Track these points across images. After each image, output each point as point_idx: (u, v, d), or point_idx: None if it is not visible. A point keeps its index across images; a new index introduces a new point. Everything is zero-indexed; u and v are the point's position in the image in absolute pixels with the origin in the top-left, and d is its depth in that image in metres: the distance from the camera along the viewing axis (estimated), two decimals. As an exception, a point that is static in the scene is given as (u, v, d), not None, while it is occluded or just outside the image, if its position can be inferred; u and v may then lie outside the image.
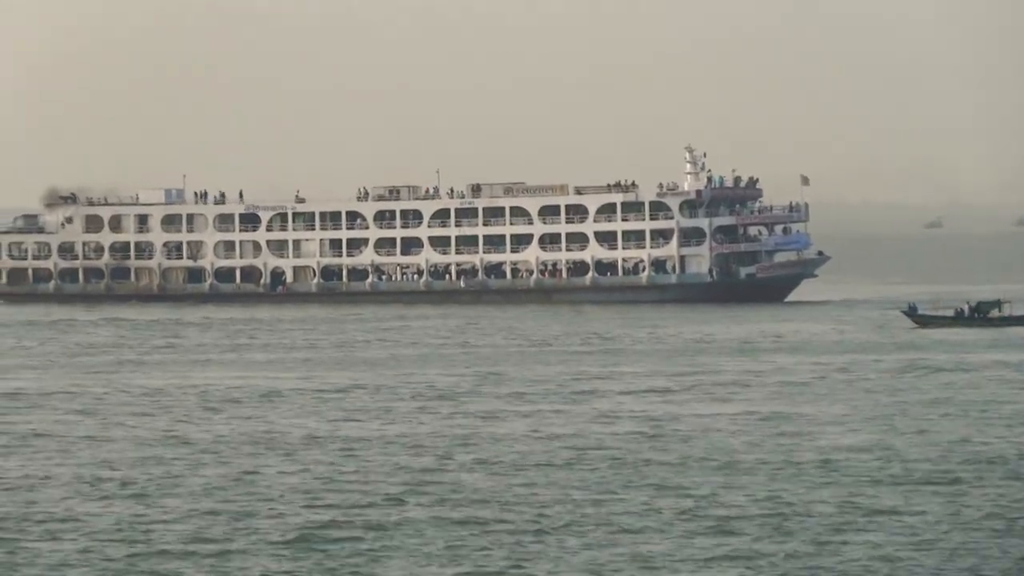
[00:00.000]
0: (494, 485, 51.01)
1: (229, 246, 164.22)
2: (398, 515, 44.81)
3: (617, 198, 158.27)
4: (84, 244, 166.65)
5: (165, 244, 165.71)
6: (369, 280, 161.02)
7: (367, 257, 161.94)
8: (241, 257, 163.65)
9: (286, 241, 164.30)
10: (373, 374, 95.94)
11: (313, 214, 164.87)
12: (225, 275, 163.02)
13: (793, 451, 58.45)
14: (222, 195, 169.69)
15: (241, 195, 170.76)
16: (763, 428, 65.96)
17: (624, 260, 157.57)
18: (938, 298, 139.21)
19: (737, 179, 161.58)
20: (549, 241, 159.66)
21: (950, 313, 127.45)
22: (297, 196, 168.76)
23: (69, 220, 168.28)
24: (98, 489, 49.54)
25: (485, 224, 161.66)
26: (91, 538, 40.52)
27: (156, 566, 36.76)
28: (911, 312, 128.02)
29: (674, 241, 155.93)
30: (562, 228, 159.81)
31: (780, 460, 55.53)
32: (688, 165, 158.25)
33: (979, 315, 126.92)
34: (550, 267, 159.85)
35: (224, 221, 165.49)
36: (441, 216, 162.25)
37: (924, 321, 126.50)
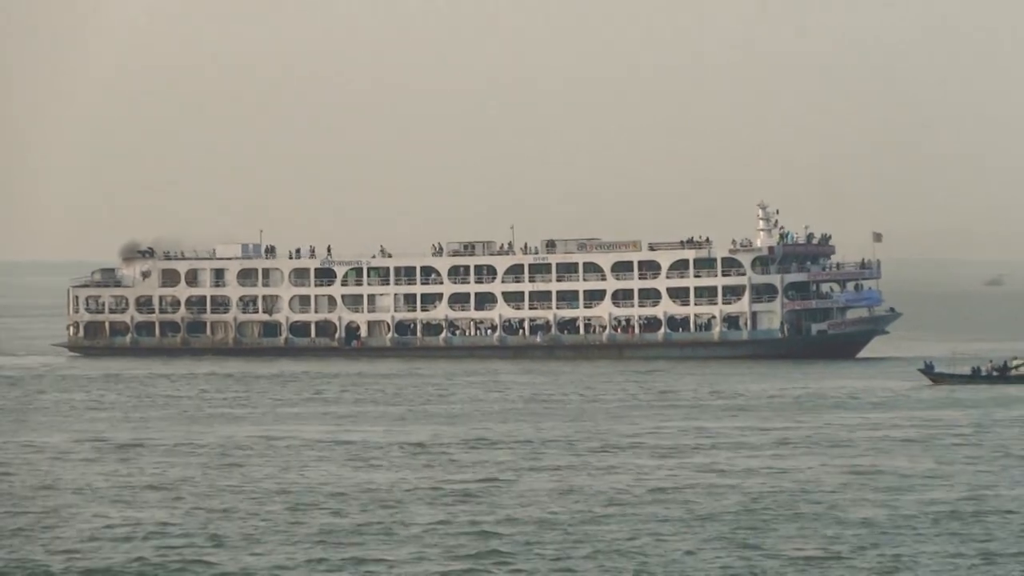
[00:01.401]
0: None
1: (304, 300, 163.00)
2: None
3: (690, 254, 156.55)
4: (161, 298, 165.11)
5: (241, 298, 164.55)
6: (443, 335, 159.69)
7: (441, 312, 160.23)
8: (316, 311, 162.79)
9: (361, 295, 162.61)
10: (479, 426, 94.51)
11: (388, 269, 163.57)
12: (300, 329, 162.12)
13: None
14: (312, 250, 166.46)
15: (328, 249, 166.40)
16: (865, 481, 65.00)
17: (696, 316, 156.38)
18: (955, 357, 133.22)
19: (810, 236, 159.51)
20: (622, 297, 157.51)
21: (967, 371, 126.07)
22: (382, 250, 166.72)
23: (146, 274, 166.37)
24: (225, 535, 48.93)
25: (559, 280, 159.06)
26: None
27: None
28: (928, 370, 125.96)
29: (746, 297, 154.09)
30: (635, 284, 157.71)
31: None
32: (761, 222, 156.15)
33: (998, 373, 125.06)
34: (623, 323, 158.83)
35: (300, 276, 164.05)
36: (515, 271, 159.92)
37: (939, 379, 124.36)
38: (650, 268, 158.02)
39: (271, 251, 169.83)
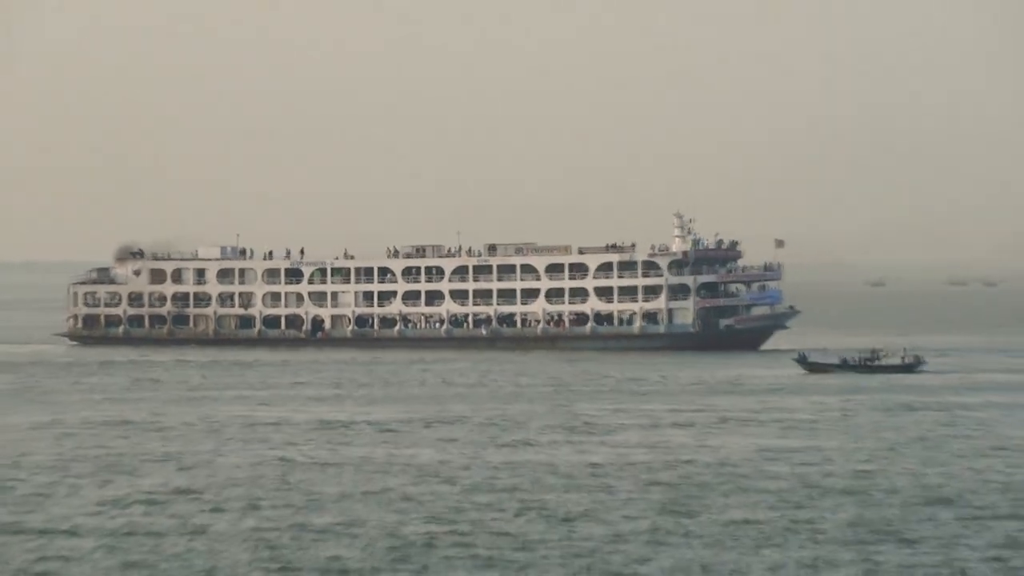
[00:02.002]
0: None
1: (276, 296, 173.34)
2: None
3: (614, 258, 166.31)
4: (149, 294, 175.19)
5: (220, 294, 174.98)
6: (397, 327, 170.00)
7: (396, 307, 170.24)
8: (286, 306, 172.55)
9: (325, 293, 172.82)
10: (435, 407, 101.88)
11: (349, 269, 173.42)
12: (272, 322, 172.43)
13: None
14: (287, 252, 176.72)
15: (301, 252, 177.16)
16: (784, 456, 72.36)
17: (619, 312, 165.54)
18: (826, 348, 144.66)
19: (719, 242, 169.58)
20: (554, 295, 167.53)
21: (836, 361, 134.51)
22: (345, 253, 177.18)
23: (137, 273, 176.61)
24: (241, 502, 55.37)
25: (499, 279, 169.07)
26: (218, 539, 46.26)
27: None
28: (802, 360, 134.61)
29: (663, 296, 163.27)
30: (566, 284, 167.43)
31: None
32: (676, 229, 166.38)
33: (863, 364, 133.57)
34: (555, 318, 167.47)
35: (272, 275, 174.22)
36: (461, 272, 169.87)
37: (812, 368, 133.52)
38: (579, 270, 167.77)
39: (246, 253, 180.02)
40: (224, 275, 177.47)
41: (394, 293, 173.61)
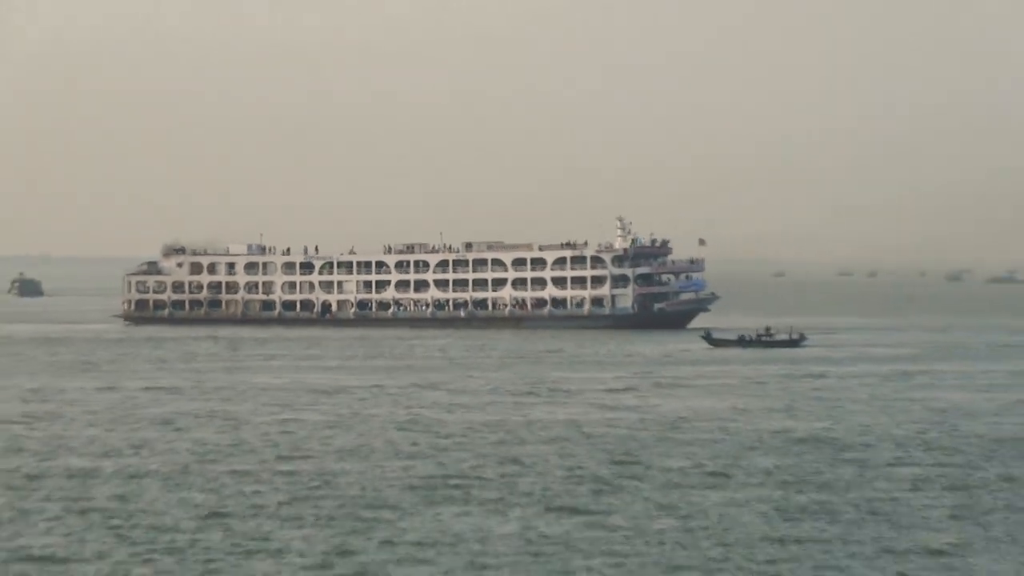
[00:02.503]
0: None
1: (292, 285, 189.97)
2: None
3: (567, 254, 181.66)
4: (189, 283, 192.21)
5: (246, 283, 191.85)
6: (391, 310, 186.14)
7: (390, 294, 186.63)
8: (300, 293, 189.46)
9: (332, 282, 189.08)
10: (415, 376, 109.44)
11: (352, 263, 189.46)
12: (288, 306, 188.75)
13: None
14: (305, 249, 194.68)
15: (316, 249, 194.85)
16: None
17: (572, 298, 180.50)
18: (731, 326, 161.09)
19: (654, 241, 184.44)
20: (519, 284, 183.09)
21: (734, 338, 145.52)
22: (351, 250, 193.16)
23: (180, 266, 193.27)
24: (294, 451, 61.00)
25: (473, 271, 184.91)
26: (292, 485, 50.73)
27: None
28: (707, 337, 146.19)
29: (607, 285, 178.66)
30: (528, 275, 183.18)
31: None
32: (619, 230, 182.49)
33: (756, 339, 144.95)
34: (519, 302, 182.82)
35: (288, 268, 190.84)
36: (443, 265, 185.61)
37: (716, 343, 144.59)
38: (539, 263, 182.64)
39: (267, 250, 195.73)
40: (250, 268, 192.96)
41: (388, 282, 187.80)
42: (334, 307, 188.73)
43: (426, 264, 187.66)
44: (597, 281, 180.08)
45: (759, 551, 41.18)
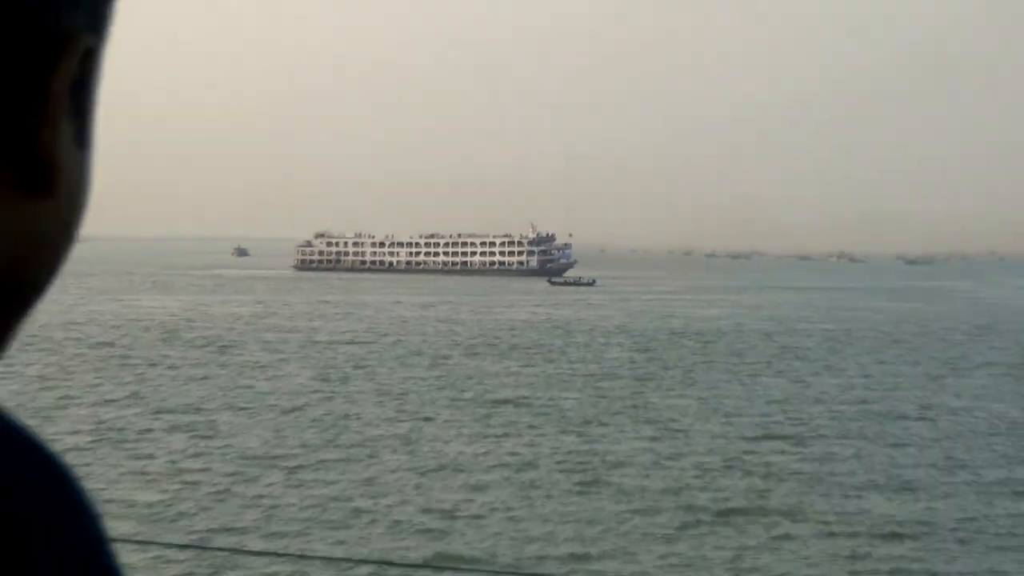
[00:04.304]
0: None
1: (375, 253, 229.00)
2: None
3: (506, 239, 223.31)
4: (326, 251, 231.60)
5: (353, 252, 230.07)
6: (421, 266, 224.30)
7: (421, 258, 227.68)
8: (379, 257, 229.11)
9: (394, 252, 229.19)
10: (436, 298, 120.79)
11: (402, 242, 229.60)
12: (373, 264, 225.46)
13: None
14: (386, 236, 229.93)
15: (386, 236, 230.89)
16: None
17: (508, 261, 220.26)
18: (571, 275, 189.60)
19: (548, 233, 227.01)
20: (484, 253, 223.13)
21: (562, 280, 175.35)
22: (398, 238, 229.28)
23: (321, 242, 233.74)
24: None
25: (462, 247, 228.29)
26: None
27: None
28: (549, 281, 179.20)
29: (525, 255, 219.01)
30: (488, 249, 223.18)
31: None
32: (531, 227, 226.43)
33: (573, 283, 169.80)
34: (484, 263, 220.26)
35: (373, 244, 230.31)
36: (447, 244, 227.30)
37: (553, 284, 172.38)
38: (491, 244, 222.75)
39: (363, 235, 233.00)
40: (355, 244, 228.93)
41: (420, 252, 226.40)
42: (394, 263, 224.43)
43: (438, 243, 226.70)
44: (520, 253, 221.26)
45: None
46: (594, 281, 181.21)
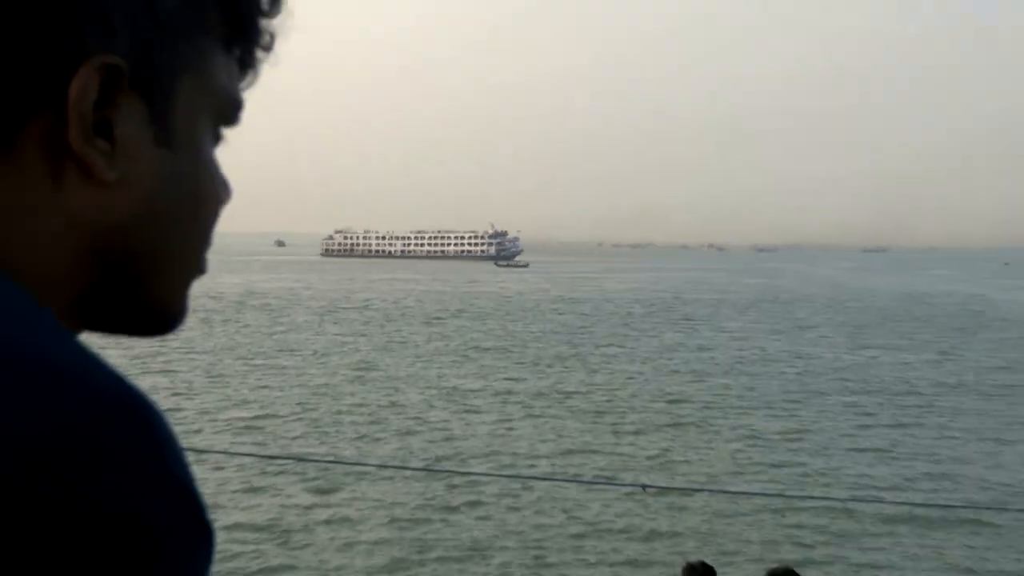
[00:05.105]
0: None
1: (379, 243, 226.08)
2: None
3: (472, 232, 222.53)
4: (344, 242, 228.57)
5: (363, 242, 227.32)
6: (413, 252, 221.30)
7: (412, 246, 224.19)
8: (381, 246, 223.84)
9: (392, 242, 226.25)
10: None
11: (398, 235, 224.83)
12: (377, 251, 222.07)
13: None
14: (387, 233, 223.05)
15: (387, 231, 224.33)
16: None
17: (472, 250, 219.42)
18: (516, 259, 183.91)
19: (502, 231, 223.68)
20: (456, 243, 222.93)
21: (504, 263, 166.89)
22: (408, 233, 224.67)
23: (341, 235, 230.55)
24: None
25: (441, 239, 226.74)
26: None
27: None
28: (495, 263, 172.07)
29: (485, 245, 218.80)
30: (458, 240, 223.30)
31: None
32: (491, 225, 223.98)
33: (511, 265, 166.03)
34: (458, 252, 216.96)
35: (378, 238, 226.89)
36: (431, 236, 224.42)
37: (499, 266, 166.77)
38: (461, 236, 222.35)
39: (371, 231, 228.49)
40: (364, 237, 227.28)
41: (411, 242, 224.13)
42: (392, 251, 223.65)
43: (423, 237, 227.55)
44: (482, 244, 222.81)
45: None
46: (528, 264, 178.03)
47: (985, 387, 34.25)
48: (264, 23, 0.66)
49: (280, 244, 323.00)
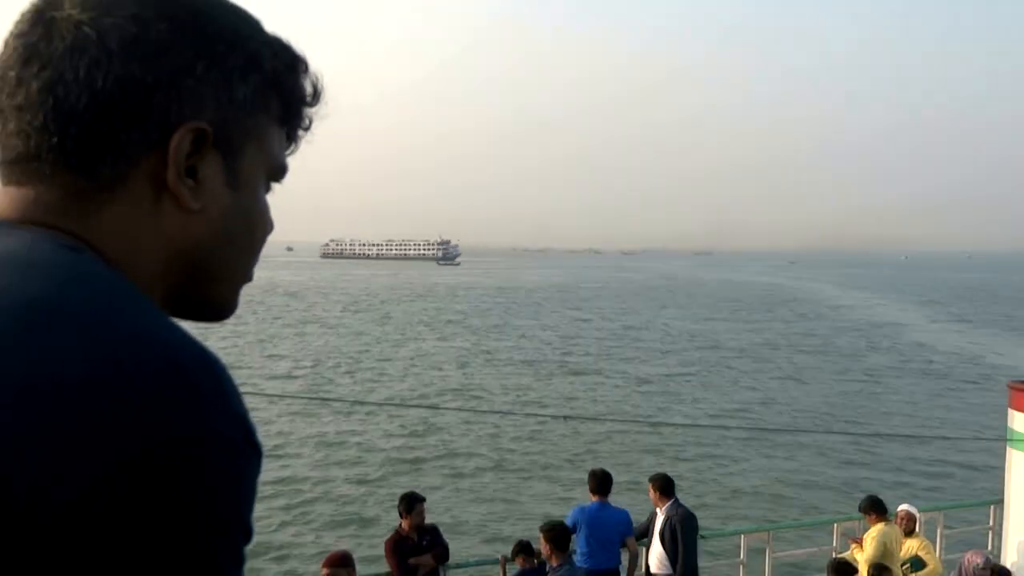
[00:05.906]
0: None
1: (362, 248, 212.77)
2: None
3: (424, 242, 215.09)
4: (335, 247, 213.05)
5: (349, 247, 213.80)
6: (392, 254, 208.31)
7: (376, 252, 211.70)
8: (364, 250, 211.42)
9: (392, 247, 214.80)
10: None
11: (374, 243, 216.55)
12: (360, 254, 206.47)
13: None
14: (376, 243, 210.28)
15: (368, 240, 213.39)
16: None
17: (432, 253, 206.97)
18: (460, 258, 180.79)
19: (448, 239, 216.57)
20: (421, 249, 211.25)
21: (458, 263, 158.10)
22: (383, 240, 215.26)
23: (334, 243, 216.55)
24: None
25: (413, 245, 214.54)
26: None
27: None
28: (437, 262, 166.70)
29: (435, 251, 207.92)
30: (412, 248, 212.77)
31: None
32: (439, 235, 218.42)
33: (449, 263, 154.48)
34: (420, 255, 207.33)
35: (360, 245, 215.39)
36: (389, 245, 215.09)
37: (441, 264, 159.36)
38: (419, 245, 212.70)
39: (359, 240, 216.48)
40: (350, 243, 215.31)
41: (383, 248, 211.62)
42: (370, 255, 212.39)
43: (392, 244, 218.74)
44: (433, 249, 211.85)
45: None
46: (460, 263, 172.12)
47: (785, 343, 34.99)
48: (307, 111, 0.68)
49: (289, 249, 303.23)
